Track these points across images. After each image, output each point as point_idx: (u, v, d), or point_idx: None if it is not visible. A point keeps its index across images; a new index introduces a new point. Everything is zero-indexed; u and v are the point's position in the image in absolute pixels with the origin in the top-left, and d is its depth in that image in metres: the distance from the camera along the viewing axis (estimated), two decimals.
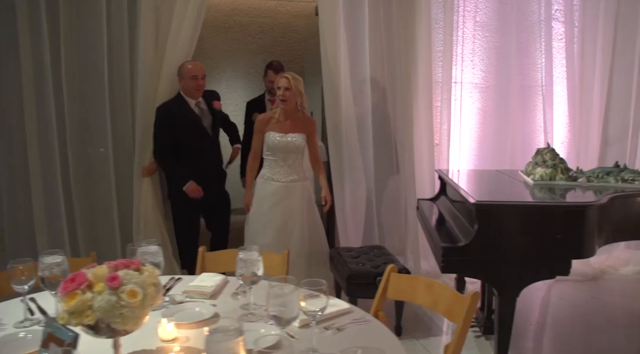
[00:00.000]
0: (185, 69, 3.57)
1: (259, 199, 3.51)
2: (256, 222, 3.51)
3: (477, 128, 4.67)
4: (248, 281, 1.75)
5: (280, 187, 3.47)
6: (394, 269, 2.23)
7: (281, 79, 3.42)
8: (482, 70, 4.67)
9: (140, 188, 3.76)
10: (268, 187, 3.48)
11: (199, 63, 3.65)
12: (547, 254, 2.54)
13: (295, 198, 3.49)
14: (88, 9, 3.61)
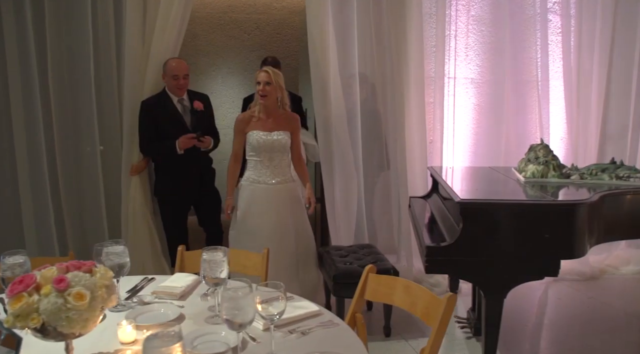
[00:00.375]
0: (167, 67, 3.53)
1: (245, 204, 3.33)
2: (243, 229, 3.33)
3: (472, 124, 4.59)
4: (211, 283, 1.68)
5: (268, 190, 3.30)
6: (372, 270, 2.17)
7: (260, 73, 3.28)
8: (478, 65, 4.58)
9: (128, 186, 3.73)
10: (254, 191, 3.31)
11: (183, 62, 3.60)
12: (535, 254, 2.47)
13: (284, 201, 3.34)
14: (73, 6, 3.56)
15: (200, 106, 3.59)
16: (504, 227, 2.47)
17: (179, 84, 3.50)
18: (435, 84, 4.23)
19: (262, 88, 3.24)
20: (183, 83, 3.51)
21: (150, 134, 3.53)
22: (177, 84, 3.50)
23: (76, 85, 3.64)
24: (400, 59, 3.99)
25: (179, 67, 3.50)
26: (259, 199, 3.30)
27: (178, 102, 3.57)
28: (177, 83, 3.49)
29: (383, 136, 4.07)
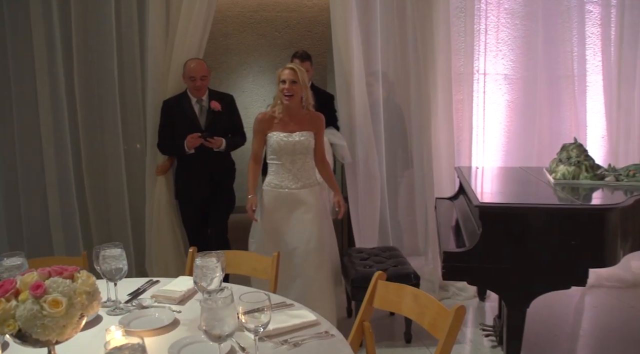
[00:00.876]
0: (186, 68, 3.51)
1: (267, 211, 3.10)
2: (264, 237, 3.12)
3: (505, 122, 4.39)
4: (203, 289, 1.64)
5: (291, 195, 3.08)
6: (381, 277, 2.08)
7: (284, 71, 3.01)
8: (512, 61, 4.38)
9: (153, 186, 3.74)
10: (277, 197, 3.09)
11: (202, 63, 3.53)
12: (561, 262, 2.31)
13: (308, 207, 3.09)
14: (96, 6, 3.60)
15: (217, 106, 3.52)
16: (527, 233, 2.32)
17: (195, 86, 3.46)
18: (464, 81, 4.06)
19: (287, 87, 2.99)
20: (200, 85, 3.46)
21: (166, 133, 3.54)
22: (194, 86, 3.46)
23: (100, 86, 3.68)
24: (427, 55, 3.86)
25: (196, 69, 3.45)
26: (281, 206, 3.09)
27: (196, 102, 3.54)
28: (194, 84, 3.46)
29: (407, 134, 3.94)
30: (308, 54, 3.79)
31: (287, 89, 3.00)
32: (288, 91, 3.00)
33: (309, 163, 3.13)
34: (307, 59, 3.72)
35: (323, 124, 3.19)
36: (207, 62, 3.73)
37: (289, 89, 3.00)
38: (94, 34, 3.66)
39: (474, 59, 4.05)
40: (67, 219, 3.69)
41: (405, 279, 3.04)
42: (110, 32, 3.61)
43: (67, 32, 3.60)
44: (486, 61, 4.23)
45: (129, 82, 3.76)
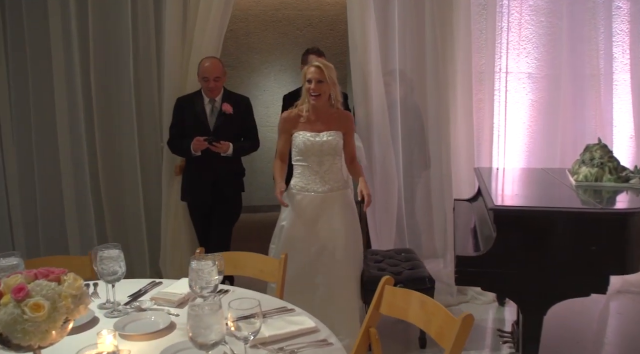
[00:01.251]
0: (199, 68, 3.41)
1: (292, 215, 2.93)
2: (287, 244, 2.91)
3: (529, 121, 4.24)
4: (198, 294, 1.60)
5: (317, 199, 2.90)
6: (388, 282, 2.01)
7: (310, 69, 2.84)
8: (536, 59, 4.23)
9: (169, 186, 3.72)
10: (302, 200, 2.91)
11: (217, 63, 3.39)
12: (580, 269, 2.20)
13: (336, 212, 2.91)
14: (113, 3, 3.62)
15: (229, 109, 3.38)
16: (544, 238, 2.22)
17: (208, 87, 3.35)
18: (485, 80, 3.94)
19: (314, 87, 2.83)
20: (213, 86, 3.35)
21: (176, 132, 3.46)
22: (206, 86, 3.36)
23: (116, 85, 3.70)
24: (446, 53, 3.76)
25: (209, 69, 3.35)
26: (308, 210, 2.91)
27: (209, 102, 3.44)
28: (207, 85, 3.35)
29: (425, 134, 3.84)
30: (321, 50, 3.68)
31: (314, 88, 2.84)
32: (314, 91, 2.85)
33: (337, 165, 2.95)
34: (322, 55, 3.59)
35: (352, 124, 3.06)
36: (227, 61, 3.70)
37: (315, 89, 2.84)
38: (111, 32, 3.68)
39: (496, 57, 3.92)
40: (82, 219, 3.72)
41: (419, 283, 2.95)
42: (127, 29, 3.63)
43: (84, 31, 3.63)
44: (508, 59, 4.09)
45: (145, 81, 3.77)
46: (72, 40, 3.60)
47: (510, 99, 4.15)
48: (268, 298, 1.91)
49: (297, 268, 2.82)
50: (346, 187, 2.99)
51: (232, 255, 2.44)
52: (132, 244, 3.80)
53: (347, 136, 2.97)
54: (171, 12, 3.61)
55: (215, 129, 3.38)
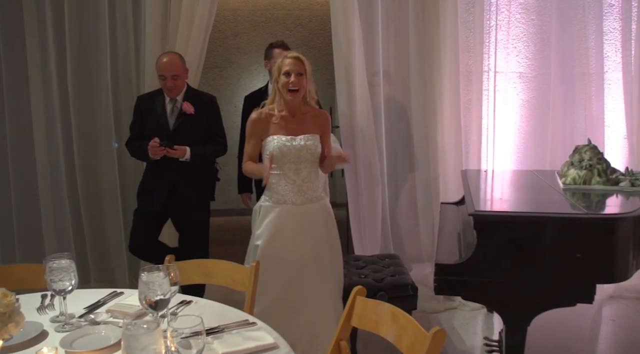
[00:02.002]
0: (157, 65, 3.12)
1: (268, 233, 2.59)
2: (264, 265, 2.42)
3: (520, 122, 4.14)
4: (148, 306, 1.49)
5: (296, 212, 2.58)
6: (360, 292, 1.90)
7: (287, 60, 2.52)
8: (527, 58, 4.12)
9: None
10: (279, 214, 2.58)
11: (176, 59, 3.12)
12: (564, 277, 2.10)
13: (318, 225, 2.63)
14: (90, 8, 3.54)
15: (189, 108, 3.10)
16: (526, 245, 2.12)
17: (166, 86, 3.08)
18: (474, 80, 3.84)
19: (293, 80, 2.50)
20: (171, 84, 3.06)
21: (136, 132, 3.22)
22: (163, 85, 3.09)
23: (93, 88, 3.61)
24: (432, 53, 3.66)
25: (165, 67, 3.05)
26: (286, 225, 2.58)
27: (169, 101, 3.17)
28: (164, 84, 3.08)
29: (411, 135, 3.74)
30: (287, 44, 3.45)
31: (293, 83, 2.51)
32: (294, 85, 2.51)
33: (315, 172, 2.64)
34: (288, 49, 3.33)
35: (329, 124, 2.74)
36: (216, 61, 3.58)
37: (295, 83, 2.51)
38: (90, 32, 3.58)
39: (484, 56, 3.81)
40: (59, 223, 3.62)
41: (401, 290, 2.85)
42: (104, 29, 3.53)
43: (60, 32, 3.54)
44: (498, 59, 3.98)
45: (123, 83, 3.66)
46: (48, 41, 3.52)
47: (500, 99, 4.04)
48: (231, 311, 1.81)
49: (277, 291, 2.58)
50: (324, 197, 2.73)
51: (204, 263, 2.34)
52: (112, 250, 3.70)
53: (324, 138, 2.69)
54: (151, 11, 3.51)
55: (174, 130, 3.13)
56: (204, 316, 1.74)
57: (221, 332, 1.60)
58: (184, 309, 1.82)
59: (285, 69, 2.52)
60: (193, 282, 2.35)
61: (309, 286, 2.63)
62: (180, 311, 1.80)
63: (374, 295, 2.83)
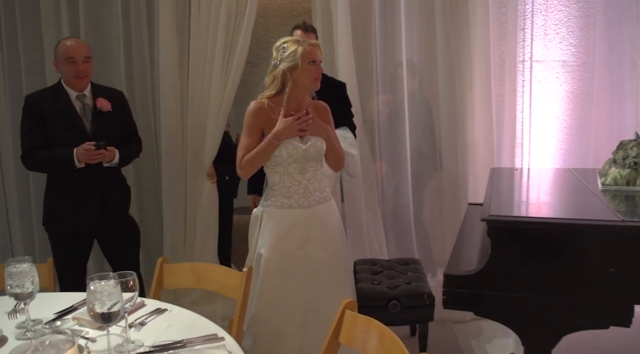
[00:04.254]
0: (60, 48, 2.62)
1: (273, 240, 2.31)
2: (270, 275, 2.31)
3: (565, 115, 3.78)
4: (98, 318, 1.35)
5: (304, 216, 2.31)
6: (350, 306, 1.70)
7: (308, 48, 2.19)
8: (572, 44, 3.76)
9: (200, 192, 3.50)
10: (286, 219, 2.31)
11: (82, 41, 2.75)
12: (595, 295, 1.81)
13: (328, 228, 2.37)
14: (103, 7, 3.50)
15: (106, 105, 2.66)
16: (547, 256, 1.84)
17: (77, 70, 2.58)
18: (508, 71, 3.53)
19: (318, 69, 2.23)
20: (83, 69, 2.60)
21: (36, 140, 2.60)
22: (75, 71, 2.58)
23: None
24: (461, 42, 3.40)
25: (74, 48, 2.60)
26: (294, 230, 2.31)
27: (77, 98, 2.67)
28: (75, 69, 2.58)
29: (436, 131, 3.47)
30: (312, 26, 3.03)
31: (319, 71, 2.23)
32: (317, 75, 2.23)
33: (320, 171, 2.38)
34: (312, 31, 2.95)
35: (330, 115, 2.44)
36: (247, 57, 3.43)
37: (318, 71, 2.23)
38: (102, 34, 3.54)
39: (520, 45, 3.49)
40: None
41: (416, 299, 2.61)
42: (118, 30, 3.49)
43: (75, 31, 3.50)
44: (539, 47, 3.65)
45: (138, 82, 3.59)
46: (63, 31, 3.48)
47: (540, 91, 3.71)
48: (203, 323, 1.65)
49: (286, 302, 2.31)
50: (331, 198, 2.44)
51: (195, 266, 2.21)
52: None
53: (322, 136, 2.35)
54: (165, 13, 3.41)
55: (94, 133, 2.64)
56: (172, 327, 1.63)
57: (182, 347, 1.45)
58: (154, 319, 1.68)
59: (311, 58, 2.20)
60: (184, 286, 2.23)
61: (322, 295, 2.35)
62: (149, 321, 1.66)
63: (386, 304, 2.62)
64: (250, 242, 2.43)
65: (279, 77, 2.24)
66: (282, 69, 2.21)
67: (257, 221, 2.40)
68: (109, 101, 2.71)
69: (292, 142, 2.26)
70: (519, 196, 2.56)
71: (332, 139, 2.35)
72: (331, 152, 2.36)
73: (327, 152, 2.35)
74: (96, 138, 2.59)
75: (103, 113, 2.66)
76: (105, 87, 2.88)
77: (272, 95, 2.29)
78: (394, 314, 2.62)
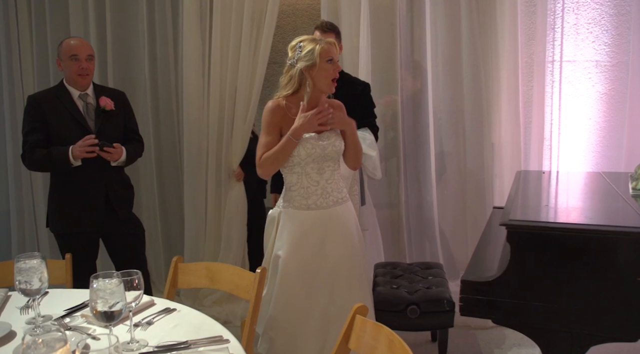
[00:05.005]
0: (63, 47, 2.63)
1: (291, 242, 2.25)
2: (288, 278, 2.26)
3: (598, 117, 3.63)
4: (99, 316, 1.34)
5: (322, 217, 2.25)
6: (360, 311, 1.65)
7: (325, 47, 2.15)
8: (606, 44, 3.61)
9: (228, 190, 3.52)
10: (304, 221, 2.25)
11: (84, 40, 2.77)
12: (622, 305, 1.70)
13: (344, 231, 2.29)
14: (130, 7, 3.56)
15: (110, 104, 2.65)
16: (568, 264, 1.75)
17: (80, 68, 2.59)
18: (537, 71, 3.41)
19: (336, 67, 2.19)
20: (87, 66, 2.61)
21: (37, 139, 2.60)
22: (78, 69, 2.59)
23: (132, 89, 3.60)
24: (488, 42, 3.31)
25: (77, 46, 2.61)
26: (313, 232, 2.25)
27: (79, 97, 2.67)
28: (79, 66, 2.59)
29: (461, 132, 3.39)
30: (333, 25, 2.95)
31: (337, 69, 2.19)
32: (335, 74, 2.19)
33: (338, 172, 2.33)
34: (333, 30, 2.88)
35: (345, 113, 2.34)
36: (274, 57, 3.41)
37: (337, 70, 2.19)
38: (127, 33, 3.62)
39: (549, 45, 3.37)
40: None
41: (435, 304, 2.54)
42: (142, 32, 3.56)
43: (101, 33, 3.59)
44: (570, 46, 3.51)
45: (162, 85, 3.64)
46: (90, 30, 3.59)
47: (572, 92, 3.58)
48: (210, 324, 1.62)
49: (304, 305, 2.25)
50: (348, 199, 2.38)
51: (210, 266, 2.19)
52: None
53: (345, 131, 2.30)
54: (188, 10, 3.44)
55: (98, 131, 2.64)
56: (178, 328, 1.61)
57: (186, 348, 1.43)
58: (162, 319, 1.67)
59: (329, 56, 2.15)
60: (198, 286, 2.22)
61: (340, 297, 2.29)
62: (157, 320, 1.65)
63: (404, 309, 2.56)
64: (266, 244, 2.40)
65: (296, 76, 2.20)
66: (299, 68, 2.17)
67: (273, 222, 2.36)
68: (112, 100, 2.71)
69: (311, 141, 2.21)
70: (542, 200, 2.45)
71: (355, 134, 2.30)
72: (351, 147, 2.30)
73: (347, 148, 2.30)
74: (100, 137, 2.59)
75: (106, 112, 2.66)
76: (106, 87, 2.92)
77: (288, 94, 2.25)
78: (412, 320, 2.55)
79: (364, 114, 2.89)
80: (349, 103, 2.72)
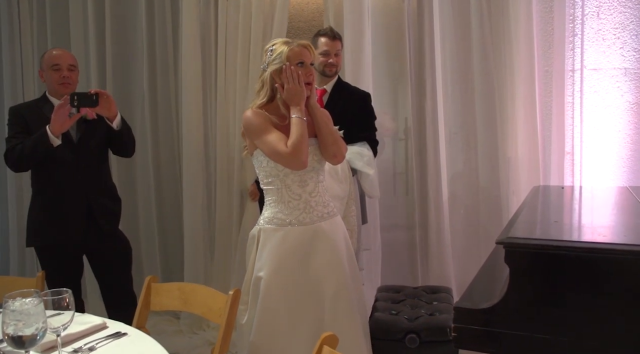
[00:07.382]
0: (46, 57, 2.59)
1: (272, 260, 2.05)
2: (270, 300, 2.05)
3: (628, 129, 3.35)
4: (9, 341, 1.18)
5: (306, 234, 2.06)
6: (328, 341, 1.47)
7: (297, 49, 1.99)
8: (635, 50, 3.34)
9: None
10: (285, 238, 2.05)
11: (67, 51, 2.72)
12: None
13: (332, 248, 2.09)
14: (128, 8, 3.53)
15: (91, 113, 2.50)
16: (579, 289, 1.49)
17: (61, 77, 2.53)
18: (555, 81, 3.17)
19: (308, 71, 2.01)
20: (68, 76, 2.54)
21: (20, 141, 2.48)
22: (59, 78, 2.53)
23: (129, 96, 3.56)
24: (501, 51, 3.11)
25: (60, 55, 2.57)
26: (295, 250, 2.06)
27: None
28: (60, 75, 2.53)
29: (472, 146, 3.16)
30: (337, 32, 2.81)
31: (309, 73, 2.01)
32: (307, 78, 2.00)
33: (323, 182, 2.14)
34: (338, 38, 2.76)
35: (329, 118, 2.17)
36: None
37: (310, 74, 2.01)
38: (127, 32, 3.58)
39: (568, 53, 3.13)
40: None
41: (437, 333, 2.30)
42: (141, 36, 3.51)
43: (100, 31, 3.57)
44: (591, 54, 3.27)
45: (161, 88, 3.57)
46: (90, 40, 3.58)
47: (599, 102, 3.31)
48: (157, 351, 1.45)
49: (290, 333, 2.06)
50: (336, 213, 2.18)
51: (183, 287, 2.03)
52: None
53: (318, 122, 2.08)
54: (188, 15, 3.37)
55: (79, 140, 2.54)
56: None
57: None
58: (107, 344, 1.50)
59: (300, 59, 1.98)
60: (170, 308, 2.05)
61: (328, 323, 2.07)
62: (100, 346, 1.48)
63: (402, 338, 2.32)
64: (247, 264, 2.20)
65: (268, 82, 2.04)
66: (269, 72, 2.01)
67: (254, 241, 2.15)
68: None
69: None
70: (551, 216, 2.18)
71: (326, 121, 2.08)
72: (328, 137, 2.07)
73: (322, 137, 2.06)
74: (80, 146, 2.50)
75: (88, 121, 2.55)
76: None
77: (263, 103, 2.06)
78: (411, 350, 2.32)
79: (363, 127, 2.71)
80: (348, 114, 2.58)
